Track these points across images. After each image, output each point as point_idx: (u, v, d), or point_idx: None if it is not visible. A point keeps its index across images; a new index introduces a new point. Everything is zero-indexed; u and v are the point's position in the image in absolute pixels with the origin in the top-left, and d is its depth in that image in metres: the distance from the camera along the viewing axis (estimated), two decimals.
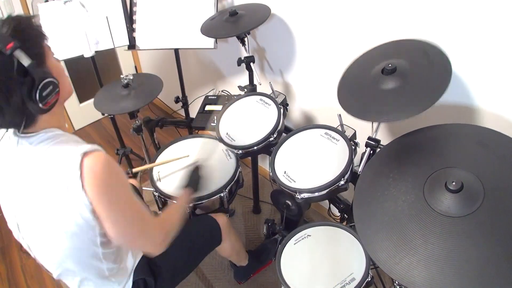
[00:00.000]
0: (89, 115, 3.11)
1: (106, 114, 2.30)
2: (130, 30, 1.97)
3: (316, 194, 1.20)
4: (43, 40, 0.85)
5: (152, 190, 1.51)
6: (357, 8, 1.34)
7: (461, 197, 0.84)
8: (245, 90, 1.71)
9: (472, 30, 1.07)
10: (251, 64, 1.63)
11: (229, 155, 1.58)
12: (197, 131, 2.14)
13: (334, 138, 1.33)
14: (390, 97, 1.05)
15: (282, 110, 1.46)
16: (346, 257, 1.21)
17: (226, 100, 1.77)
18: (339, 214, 1.54)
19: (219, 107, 1.73)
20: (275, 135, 1.40)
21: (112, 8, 1.91)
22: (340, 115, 1.29)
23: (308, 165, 1.29)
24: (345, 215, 1.51)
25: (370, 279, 1.13)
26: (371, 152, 1.21)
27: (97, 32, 1.90)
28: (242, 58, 1.62)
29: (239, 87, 1.74)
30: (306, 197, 1.20)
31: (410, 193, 0.92)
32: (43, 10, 1.84)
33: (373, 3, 1.28)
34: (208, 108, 1.76)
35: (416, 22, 1.19)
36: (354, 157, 1.26)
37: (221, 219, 1.43)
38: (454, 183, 0.85)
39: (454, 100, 1.21)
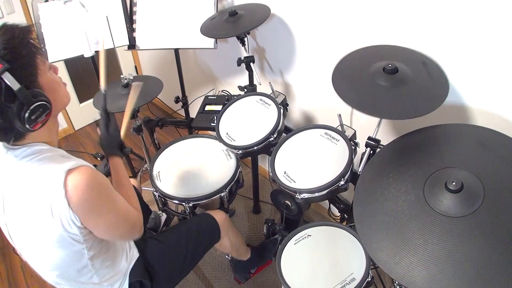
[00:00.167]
0: (89, 115, 3.11)
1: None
2: (130, 30, 1.97)
3: (316, 194, 1.20)
4: (36, 57, 0.80)
5: (152, 190, 1.51)
6: (357, 8, 1.34)
7: (461, 197, 0.85)
8: (245, 90, 1.71)
9: (472, 31, 1.07)
10: (251, 64, 1.63)
11: (229, 155, 1.58)
12: (197, 131, 2.14)
13: (334, 138, 1.33)
14: (388, 95, 1.05)
15: (282, 110, 1.46)
16: (346, 257, 1.21)
17: (226, 100, 1.77)
18: (339, 214, 1.54)
19: (219, 107, 1.73)
20: (275, 135, 1.40)
21: (112, 8, 1.91)
22: (340, 115, 1.29)
23: (308, 165, 1.29)
24: (345, 215, 1.51)
25: (370, 279, 1.13)
26: (371, 152, 1.21)
27: (97, 32, 1.90)
28: (242, 58, 1.62)
29: (239, 87, 1.74)
30: (306, 197, 1.20)
31: (410, 193, 0.92)
32: (43, 10, 1.84)
33: (373, 4, 1.28)
34: (208, 108, 1.76)
35: (416, 24, 1.19)
36: (354, 157, 1.26)
37: (219, 216, 1.43)
38: (454, 183, 0.85)
39: (454, 100, 1.21)
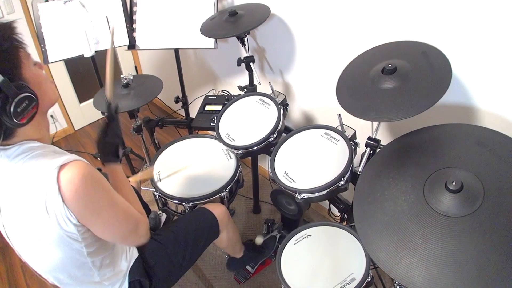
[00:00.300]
0: (89, 115, 3.11)
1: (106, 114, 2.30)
2: (130, 30, 1.97)
3: (316, 194, 1.20)
4: (19, 50, 0.81)
5: (152, 190, 1.51)
6: (357, 8, 1.34)
7: (461, 197, 0.85)
8: (245, 90, 1.71)
9: (472, 31, 1.07)
10: (251, 64, 1.63)
11: (229, 155, 1.58)
12: (197, 131, 2.14)
13: (334, 138, 1.33)
14: (390, 97, 1.04)
15: (282, 110, 1.46)
16: (346, 257, 1.21)
17: (226, 100, 1.77)
18: (339, 214, 1.54)
19: (219, 107, 1.73)
20: (275, 135, 1.40)
21: (112, 8, 1.91)
22: (340, 115, 1.29)
23: (308, 165, 1.29)
24: (345, 215, 1.51)
25: (370, 279, 1.13)
26: (371, 152, 1.21)
27: (97, 32, 1.90)
28: (242, 58, 1.62)
29: (239, 87, 1.74)
30: (306, 197, 1.20)
31: (410, 193, 0.92)
32: (43, 10, 1.84)
33: (373, 4, 1.28)
34: (208, 108, 1.76)
35: (416, 24, 1.19)
36: (354, 157, 1.26)
37: (218, 210, 1.41)
38: (454, 183, 0.85)
39: (454, 100, 1.21)
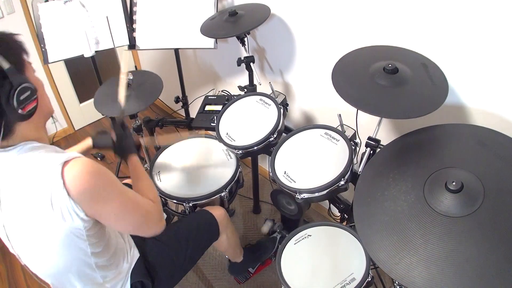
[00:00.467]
0: (89, 115, 3.11)
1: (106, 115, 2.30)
2: (130, 30, 1.97)
3: (316, 194, 1.20)
4: (23, 53, 0.85)
5: None
6: (357, 9, 1.34)
7: (461, 197, 0.85)
8: (245, 90, 1.71)
9: (472, 31, 1.07)
10: (251, 64, 1.63)
11: (229, 155, 1.58)
12: (197, 131, 2.14)
13: (334, 138, 1.33)
14: (386, 95, 1.05)
15: (282, 110, 1.46)
16: (346, 257, 1.21)
17: (226, 100, 1.77)
18: (339, 214, 1.54)
19: (219, 107, 1.73)
20: (275, 135, 1.40)
21: (112, 8, 1.91)
22: (340, 115, 1.29)
23: (308, 165, 1.29)
24: (345, 215, 1.51)
25: (370, 279, 1.13)
26: (371, 152, 1.21)
27: (97, 32, 1.90)
28: (242, 58, 1.62)
29: (239, 87, 1.74)
30: (306, 197, 1.20)
31: (410, 193, 0.92)
32: (43, 10, 1.84)
33: (374, 5, 1.28)
34: (208, 108, 1.76)
35: (416, 25, 1.19)
36: (354, 157, 1.26)
37: (218, 212, 1.42)
38: (454, 183, 0.85)
39: (454, 100, 1.21)
